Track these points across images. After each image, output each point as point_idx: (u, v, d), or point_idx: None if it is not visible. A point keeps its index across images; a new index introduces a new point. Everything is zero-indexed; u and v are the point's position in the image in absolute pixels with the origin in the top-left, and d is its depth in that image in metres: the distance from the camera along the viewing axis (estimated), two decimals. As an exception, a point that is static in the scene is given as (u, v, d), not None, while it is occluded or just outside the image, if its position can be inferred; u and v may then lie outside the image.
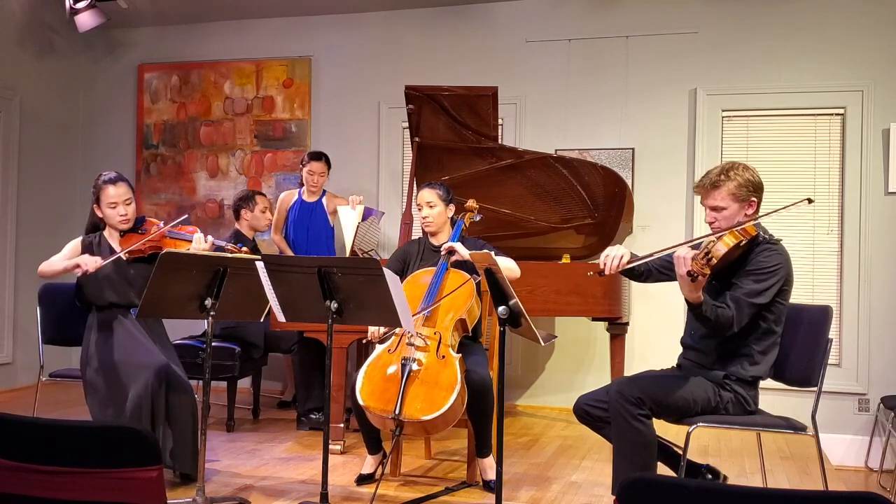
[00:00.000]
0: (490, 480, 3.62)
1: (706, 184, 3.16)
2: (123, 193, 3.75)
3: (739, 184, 3.10)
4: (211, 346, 3.36)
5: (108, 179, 3.75)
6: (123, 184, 3.77)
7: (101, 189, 3.74)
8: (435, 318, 3.64)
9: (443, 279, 3.73)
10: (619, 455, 3.08)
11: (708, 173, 3.20)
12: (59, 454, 1.58)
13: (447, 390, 3.35)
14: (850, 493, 1.45)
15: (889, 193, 5.30)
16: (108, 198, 3.73)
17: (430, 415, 3.31)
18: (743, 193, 3.10)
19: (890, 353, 5.28)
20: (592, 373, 5.72)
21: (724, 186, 3.11)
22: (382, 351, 3.60)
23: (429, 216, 3.98)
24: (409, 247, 4.16)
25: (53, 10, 6.37)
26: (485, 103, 4.87)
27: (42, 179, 6.54)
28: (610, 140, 5.79)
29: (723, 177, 3.12)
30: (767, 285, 3.04)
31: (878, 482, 4.93)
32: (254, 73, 6.56)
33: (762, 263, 3.06)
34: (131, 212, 3.78)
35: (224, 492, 3.62)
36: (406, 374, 3.38)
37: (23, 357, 6.21)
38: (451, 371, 3.42)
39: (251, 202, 5.31)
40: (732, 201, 3.11)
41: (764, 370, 3.15)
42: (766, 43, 5.53)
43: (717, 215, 3.14)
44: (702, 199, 3.22)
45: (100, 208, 3.77)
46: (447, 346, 3.53)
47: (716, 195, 3.13)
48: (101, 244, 3.81)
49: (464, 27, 6.10)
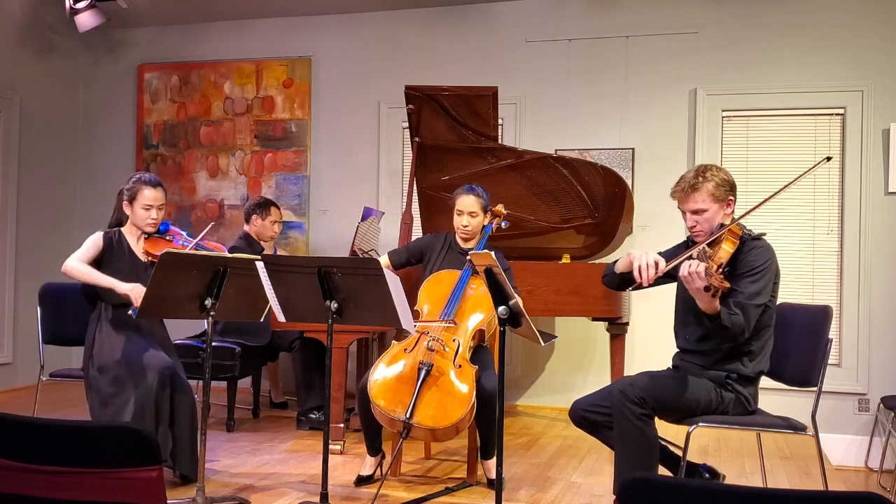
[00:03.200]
0: (494, 480, 3.63)
1: (684, 187, 3.13)
2: (161, 198, 3.80)
3: (717, 184, 3.09)
4: (211, 346, 3.36)
5: (148, 181, 3.79)
6: (161, 189, 3.82)
7: (139, 189, 3.76)
8: (456, 326, 3.63)
9: (465, 286, 3.73)
10: (620, 455, 3.08)
11: (683, 177, 3.17)
12: (59, 454, 1.57)
13: (461, 402, 3.35)
14: (850, 493, 1.45)
15: (889, 193, 5.30)
16: (145, 199, 3.76)
17: (441, 425, 3.31)
18: (721, 193, 3.09)
19: (890, 353, 5.27)
20: (592, 373, 5.72)
21: (704, 188, 3.09)
22: (399, 349, 3.58)
23: (469, 225, 3.93)
24: (433, 240, 4.11)
25: (53, 10, 6.37)
26: (485, 103, 4.87)
27: (42, 179, 6.54)
28: (610, 140, 5.79)
29: (700, 178, 3.10)
30: (764, 283, 3.04)
31: (878, 482, 4.93)
32: (254, 73, 6.56)
33: (753, 263, 3.05)
34: (161, 217, 3.83)
35: (224, 492, 3.62)
36: (422, 379, 3.37)
37: (23, 357, 6.21)
38: (466, 382, 3.42)
39: (265, 211, 5.28)
40: (713, 202, 3.09)
41: (764, 365, 3.17)
42: (766, 43, 5.53)
43: (699, 218, 3.12)
44: (680, 203, 3.18)
45: (130, 206, 3.78)
46: (465, 356, 3.53)
47: (696, 197, 3.11)
48: (121, 242, 3.81)
49: (464, 27, 6.10)
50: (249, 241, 5.21)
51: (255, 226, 5.28)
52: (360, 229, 5.07)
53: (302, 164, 6.45)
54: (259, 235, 5.30)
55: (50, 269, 5.10)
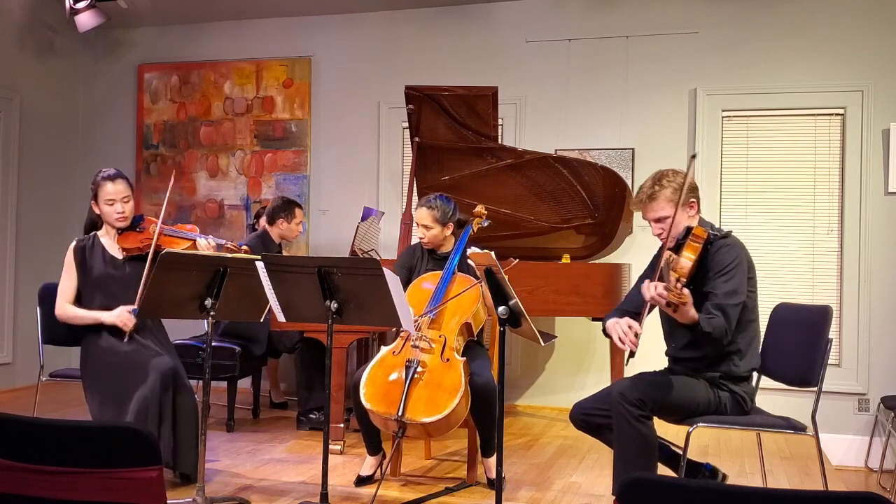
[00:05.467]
0: (494, 480, 3.63)
1: (642, 198, 3.15)
2: (122, 191, 3.70)
3: (675, 189, 3.09)
4: (211, 346, 3.36)
5: (107, 176, 3.72)
6: (122, 181, 3.72)
7: (100, 185, 3.70)
8: (440, 321, 3.63)
9: (449, 282, 3.73)
10: (620, 456, 3.09)
11: (641, 188, 3.19)
12: (59, 454, 1.57)
13: (451, 393, 3.36)
14: (850, 493, 1.45)
15: (889, 193, 5.30)
16: (106, 194, 3.69)
17: (432, 417, 3.31)
18: (680, 197, 3.05)
19: (890, 353, 5.27)
20: (592, 373, 5.72)
21: (661, 195, 3.10)
22: (387, 353, 3.60)
23: (425, 237, 3.95)
24: (410, 253, 4.10)
25: (53, 10, 6.37)
26: (485, 103, 4.87)
27: (42, 179, 6.54)
28: (610, 140, 5.78)
29: (656, 187, 3.11)
30: (738, 281, 3.05)
31: (878, 482, 4.93)
32: (254, 73, 6.56)
33: (722, 262, 3.06)
34: (129, 210, 3.73)
35: (224, 492, 3.62)
36: (410, 377, 3.37)
37: (23, 357, 6.21)
38: (455, 374, 3.42)
39: (291, 214, 5.18)
40: (673, 207, 3.06)
41: (754, 362, 3.18)
42: (766, 43, 5.53)
43: (663, 226, 3.12)
44: (643, 214, 3.19)
45: (97, 205, 3.74)
46: (452, 350, 3.53)
47: (655, 206, 3.12)
48: (95, 247, 3.77)
49: (464, 27, 6.10)
50: (265, 240, 5.12)
51: (281, 228, 5.16)
52: (360, 229, 5.07)
53: (302, 164, 6.45)
54: (285, 237, 5.22)
55: (50, 269, 5.11)
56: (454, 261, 3.81)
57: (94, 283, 3.71)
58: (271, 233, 5.21)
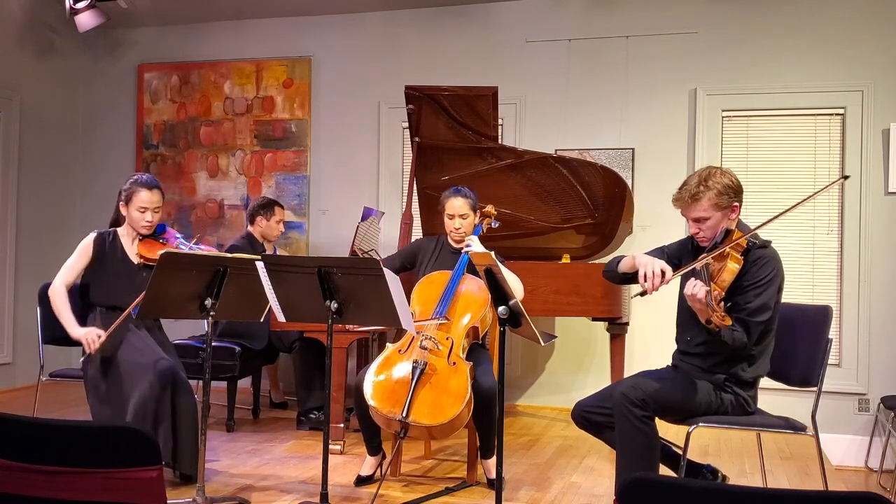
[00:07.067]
0: (494, 480, 3.63)
1: (685, 196, 3.06)
2: (157, 201, 3.78)
3: (719, 191, 3.02)
4: (211, 346, 3.35)
5: (143, 183, 3.76)
6: (157, 191, 3.80)
7: (135, 191, 3.75)
8: (449, 324, 3.63)
9: (457, 285, 3.73)
10: (622, 456, 3.08)
11: (686, 184, 3.09)
12: (59, 454, 1.57)
13: (456, 398, 3.35)
14: (850, 493, 1.45)
15: (889, 193, 5.30)
16: (140, 201, 3.74)
17: (437, 422, 3.31)
18: (724, 201, 3.03)
19: (890, 353, 5.27)
20: (592, 373, 5.72)
21: (705, 197, 3.02)
22: (393, 351, 3.59)
23: (462, 227, 3.95)
24: (425, 243, 4.13)
25: (53, 10, 6.37)
26: (485, 103, 4.87)
27: (42, 179, 6.54)
28: (610, 140, 5.78)
29: (702, 187, 3.02)
30: (768, 297, 3.02)
31: (878, 482, 4.93)
32: (254, 73, 6.56)
33: (758, 275, 3.02)
34: (157, 219, 3.81)
35: (224, 492, 3.62)
36: (416, 377, 3.37)
37: (23, 357, 6.21)
38: (461, 379, 3.42)
39: (269, 211, 5.26)
40: (715, 210, 3.03)
41: (763, 369, 3.16)
42: (766, 43, 5.52)
43: (702, 226, 3.08)
44: (682, 211, 3.12)
45: (126, 208, 3.77)
46: (458, 353, 3.53)
47: (697, 207, 3.04)
48: (115, 244, 3.80)
49: (464, 27, 6.10)
50: (251, 241, 5.21)
51: (261, 227, 5.26)
52: (360, 229, 5.06)
53: (302, 164, 6.45)
54: (265, 236, 5.29)
55: (50, 269, 5.09)
56: (464, 261, 3.82)
57: (103, 278, 3.72)
58: (253, 232, 5.26)
